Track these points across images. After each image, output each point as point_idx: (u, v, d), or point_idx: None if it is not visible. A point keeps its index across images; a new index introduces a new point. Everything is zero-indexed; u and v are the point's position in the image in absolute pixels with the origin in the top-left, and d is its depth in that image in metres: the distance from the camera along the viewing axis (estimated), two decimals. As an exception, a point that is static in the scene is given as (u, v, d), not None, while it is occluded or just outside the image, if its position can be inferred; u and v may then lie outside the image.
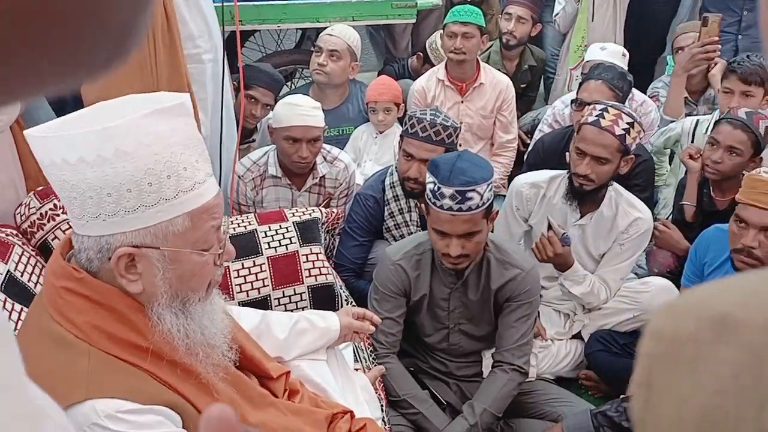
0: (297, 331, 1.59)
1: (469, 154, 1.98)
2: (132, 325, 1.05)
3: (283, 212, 2.37)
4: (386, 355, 2.10)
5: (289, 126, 2.56)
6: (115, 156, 0.97)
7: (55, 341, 1.03)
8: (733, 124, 2.47)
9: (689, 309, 0.33)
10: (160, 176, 1.00)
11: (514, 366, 2.05)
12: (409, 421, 2.06)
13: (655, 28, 4.18)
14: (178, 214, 1.03)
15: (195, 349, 1.10)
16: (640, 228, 2.40)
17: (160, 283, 1.05)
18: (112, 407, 0.99)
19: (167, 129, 1.01)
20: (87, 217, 1.01)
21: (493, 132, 3.55)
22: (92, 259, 1.04)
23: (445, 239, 1.92)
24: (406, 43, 4.47)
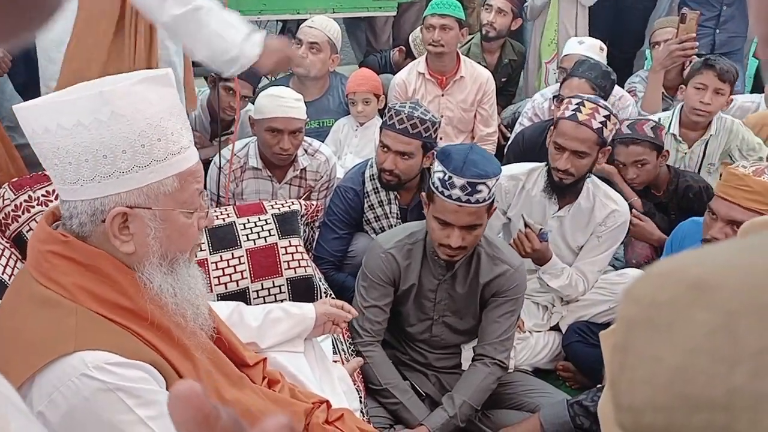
0: (271, 320, 1.59)
1: (479, 148, 2.00)
2: (118, 287, 1.08)
3: (262, 204, 2.36)
4: (370, 343, 2.11)
5: (272, 117, 2.56)
6: (112, 118, 1.02)
7: (41, 302, 1.05)
8: (625, 142, 2.67)
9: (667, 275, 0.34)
10: (151, 139, 1.06)
11: (495, 360, 2.06)
12: (389, 411, 2.07)
13: (634, 23, 4.22)
14: (168, 175, 1.09)
15: (183, 306, 1.15)
16: (617, 220, 2.43)
17: (151, 242, 1.10)
18: (101, 358, 1.01)
19: (156, 96, 1.08)
20: (82, 180, 1.04)
21: (473, 125, 3.56)
22: (84, 223, 1.07)
23: (447, 229, 1.93)
24: (387, 36, 4.47)
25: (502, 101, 4.00)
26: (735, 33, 4.03)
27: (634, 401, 0.32)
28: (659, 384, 0.31)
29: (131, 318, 1.08)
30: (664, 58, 3.11)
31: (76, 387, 0.99)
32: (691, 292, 0.32)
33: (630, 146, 2.64)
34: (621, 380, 0.33)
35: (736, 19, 3.99)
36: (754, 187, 1.91)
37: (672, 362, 0.31)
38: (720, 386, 0.29)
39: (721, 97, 2.89)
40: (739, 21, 4.01)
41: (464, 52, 3.80)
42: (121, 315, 1.07)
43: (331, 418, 1.42)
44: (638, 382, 0.32)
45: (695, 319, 0.31)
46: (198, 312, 1.18)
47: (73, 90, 1.07)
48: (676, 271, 0.34)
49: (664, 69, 3.18)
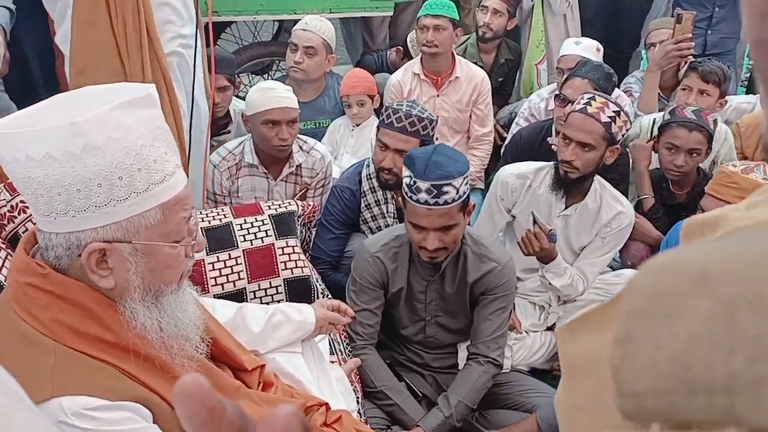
0: (272, 325, 1.58)
1: (444, 148, 1.98)
2: (100, 321, 1.03)
3: (259, 205, 2.36)
4: (364, 346, 2.11)
5: (267, 110, 2.57)
6: (85, 151, 0.94)
7: (19, 338, 1.01)
8: (688, 126, 2.54)
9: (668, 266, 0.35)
10: (130, 169, 0.98)
11: (488, 358, 2.07)
12: (385, 413, 2.07)
13: (631, 24, 4.23)
14: (149, 207, 1.02)
15: (169, 341, 1.09)
16: (622, 222, 2.44)
17: (132, 278, 1.03)
18: (80, 404, 0.97)
19: (135, 121, 0.99)
20: (55, 213, 0.98)
21: (469, 125, 3.57)
22: (61, 257, 1.02)
23: (422, 233, 1.93)
24: (384, 36, 4.47)
25: (499, 101, 4.00)
26: (727, 34, 4.04)
27: (636, 387, 0.33)
28: (660, 370, 0.32)
29: (114, 352, 1.03)
30: (660, 58, 3.12)
31: None
32: (692, 282, 0.33)
33: (693, 132, 2.53)
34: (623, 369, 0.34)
35: (728, 20, 4.00)
36: (742, 184, 1.94)
37: (672, 350, 0.32)
38: (720, 371, 0.30)
39: (708, 99, 2.88)
40: (732, 22, 4.02)
41: (461, 53, 3.80)
42: (104, 350, 1.03)
43: (330, 420, 1.42)
44: (640, 370, 0.33)
45: (695, 309, 0.32)
46: (186, 344, 1.12)
47: (41, 115, 0.99)
48: (677, 262, 0.35)
49: (661, 69, 3.18)
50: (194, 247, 1.14)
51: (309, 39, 3.22)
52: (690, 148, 2.55)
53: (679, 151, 2.58)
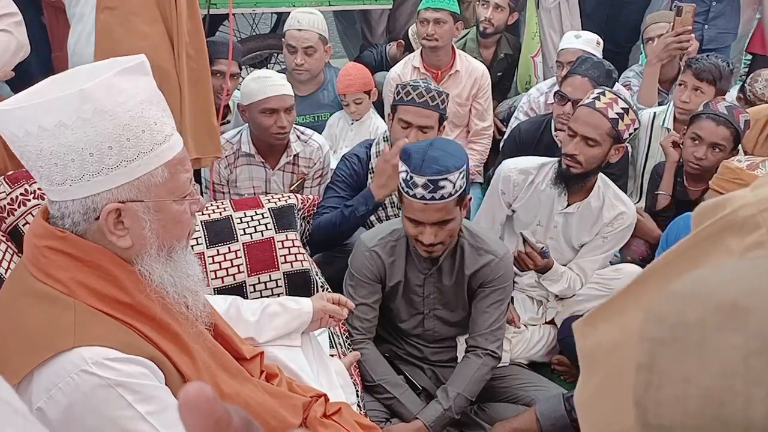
0: (268, 314, 1.59)
1: (441, 142, 1.97)
2: (116, 282, 1.08)
3: (259, 198, 2.36)
4: (362, 340, 2.11)
5: (265, 98, 2.57)
6: (95, 115, 1.00)
7: (38, 297, 1.05)
8: (717, 120, 2.50)
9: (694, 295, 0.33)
10: (136, 131, 1.04)
11: (487, 351, 2.07)
12: (384, 406, 2.08)
13: (630, 17, 4.21)
14: (156, 166, 1.08)
15: (184, 294, 1.15)
16: (624, 222, 2.44)
17: (148, 234, 1.09)
18: (100, 354, 1.01)
19: (135, 87, 1.06)
20: (70, 180, 1.02)
21: (468, 119, 3.56)
22: (78, 222, 1.06)
23: (419, 227, 1.93)
24: (383, 29, 4.45)
25: (498, 95, 3.99)
26: (724, 29, 4.03)
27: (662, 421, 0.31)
28: (690, 405, 0.31)
29: (129, 313, 1.08)
30: (660, 50, 3.11)
31: (75, 383, 0.99)
32: (722, 314, 0.32)
33: (720, 126, 2.48)
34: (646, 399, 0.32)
35: (726, 15, 3.99)
36: (747, 181, 1.93)
37: (704, 384, 0.30)
38: (759, 409, 0.29)
39: (702, 96, 2.86)
40: (729, 17, 4.01)
41: (460, 47, 3.79)
42: (120, 310, 1.07)
43: (329, 412, 1.43)
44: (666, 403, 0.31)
45: (728, 343, 0.31)
46: (197, 298, 1.18)
47: (47, 88, 1.05)
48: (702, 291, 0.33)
49: (660, 62, 3.18)
50: (196, 206, 1.20)
51: (306, 39, 3.21)
52: (713, 142, 2.50)
53: (702, 143, 2.53)
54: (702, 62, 2.89)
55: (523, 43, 4.02)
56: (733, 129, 2.48)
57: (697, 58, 2.94)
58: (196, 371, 1.13)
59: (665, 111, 3.04)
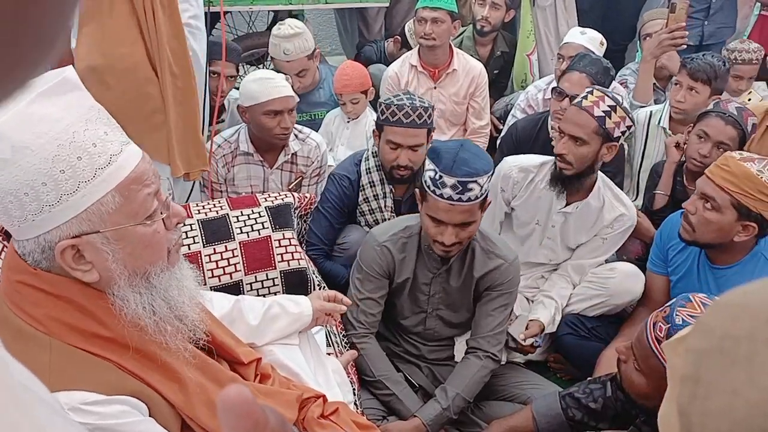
0: (269, 317, 1.59)
1: (470, 145, 1.97)
2: (92, 316, 1.03)
3: (255, 197, 2.36)
4: (364, 335, 2.11)
5: (269, 100, 2.57)
6: (15, 153, 0.92)
7: (14, 334, 1.00)
8: (725, 119, 2.49)
9: (743, 307, 0.33)
10: (69, 160, 0.95)
11: (488, 353, 2.08)
12: (382, 403, 2.08)
13: (627, 14, 4.23)
14: (104, 193, 0.98)
15: (163, 325, 1.08)
16: (624, 224, 2.44)
17: (113, 266, 1.02)
18: (77, 399, 0.97)
19: (58, 110, 0.95)
20: (16, 221, 0.97)
21: (465, 118, 3.56)
22: (39, 261, 1.01)
23: (440, 227, 1.93)
24: (380, 27, 4.46)
25: (495, 93, 4.00)
26: (723, 24, 4.05)
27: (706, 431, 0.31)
28: (737, 416, 0.30)
29: (109, 347, 1.03)
30: (655, 48, 3.12)
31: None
32: None
33: (728, 125, 2.47)
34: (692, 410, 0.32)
35: (724, 10, 4.01)
36: (732, 169, 1.95)
37: (752, 397, 0.30)
38: None
39: (697, 96, 2.87)
40: (728, 12, 4.03)
41: (456, 45, 3.79)
42: (99, 345, 1.02)
43: (327, 412, 1.43)
44: (712, 414, 0.31)
45: None
46: (181, 324, 1.11)
47: None
48: (751, 304, 0.33)
49: (655, 59, 3.19)
50: (172, 219, 1.11)
51: (296, 66, 3.24)
52: (719, 141, 2.49)
53: (708, 141, 2.53)
54: (697, 62, 2.89)
55: (519, 42, 4.02)
56: (740, 130, 2.48)
57: (692, 58, 2.94)
58: (185, 396, 1.10)
59: (662, 110, 3.05)
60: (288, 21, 3.29)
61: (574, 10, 4.07)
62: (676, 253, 2.31)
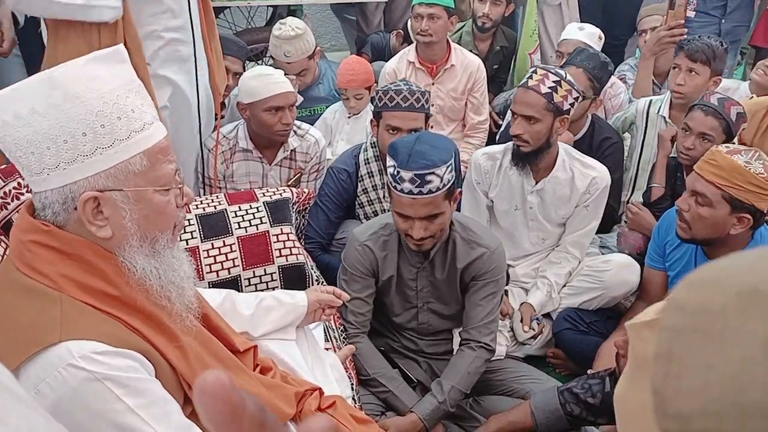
0: (263, 308, 1.59)
1: (428, 136, 1.97)
2: (102, 275, 1.07)
3: (254, 192, 2.36)
4: (356, 334, 2.12)
5: (270, 96, 2.56)
6: (66, 100, 1.00)
7: (25, 292, 1.04)
8: (705, 110, 2.50)
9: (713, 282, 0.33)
10: (110, 118, 1.03)
11: (480, 343, 2.07)
12: (380, 400, 2.08)
13: (626, 9, 4.22)
14: (134, 153, 1.06)
15: (167, 288, 1.13)
16: (599, 185, 2.49)
17: (128, 225, 1.08)
18: (87, 348, 1.00)
19: (108, 74, 1.05)
20: (47, 170, 1.03)
21: (464, 114, 3.56)
22: (58, 212, 1.06)
23: (408, 222, 1.93)
24: (378, 21, 4.45)
25: (494, 88, 3.99)
26: (739, 22, 4.04)
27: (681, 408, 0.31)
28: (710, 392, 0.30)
29: (117, 305, 1.07)
30: (654, 44, 3.11)
31: (62, 377, 0.98)
32: (741, 300, 0.31)
33: (708, 116, 2.48)
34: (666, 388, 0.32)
35: (741, 8, 3.99)
36: (720, 162, 1.95)
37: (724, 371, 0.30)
38: None
39: (697, 77, 2.85)
40: (745, 11, 4.01)
41: (455, 40, 3.78)
42: (107, 303, 1.06)
43: (324, 405, 1.43)
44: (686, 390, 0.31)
45: (748, 329, 0.30)
46: (183, 293, 1.16)
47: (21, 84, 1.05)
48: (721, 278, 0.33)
49: (654, 55, 3.18)
50: (184, 198, 1.18)
51: (297, 67, 3.25)
52: (701, 132, 2.50)
53: (691, 133, 2.54)
54: (694, 43, 2.87)
55: (521, 40, 4.01)
56: (722, 120, 2.48)
57: (689, 40, 2.92)
58: (187, 363, 1.13)
59: (662, 99, 3.03)
60: (289, 21, 3.28)
61: (576, 6, 4.07)
62: (674, 248, 2.31)
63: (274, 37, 3.24)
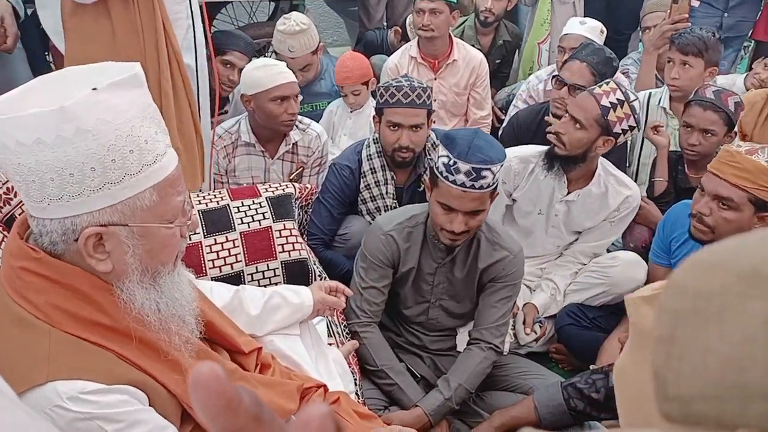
0: (270, 307, 1.58)
1: (484, 134, 1.96)
2: (95, 305, 1.02)
3: (256, 188, 2.35)
4: (367, 323, 2.11)
5: (276, 86, 2.57)
6: (76, 135, 0.93)
7: (13, 321, 1.00)
8: (703, 105, 2.51)
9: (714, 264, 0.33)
10: (122, 152, 0.97)
11: (491, 345, 2.07)
12: (384, 392, 2.08)
13: (630, 4, 4.20)
14: (144, 188, 1.00)
15: (167, 323, 1.08)
16: (630, 204, 2.48)
17: (130, 260, 1.02)
18: (75, 389, 0.97)
19: (124, 102, 0.98)
20: (48, 199, 0.96)
21: (467, 109, 3.55)
22: (56, 242, 1.00)
23: (450, 214, 1.92)
24: (381, 16, 4.44)
25: (497, 83, 3.98)
26: (743, 17, 4.01)
27: (681, 391, 0.31)
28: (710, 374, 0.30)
29: (110, 336, 1.03)
30: (657, 39, 3.10)
31: (51, 419, 0.95)
32: (742, 281, 0.31)
33: (707, 111, 2.50)
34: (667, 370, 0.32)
35: (746, 3, 3.97)
36: (744, 165, 1.92)
37: (724, 352, 0.30)
38: None
39: (690, 70, 2.85)
40: (750, 5, 3.98)
41: (458, 35, 3.77)
42: (99, 334, 1.02)
43: (328, 402, 1.42)
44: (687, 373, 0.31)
45: (747, 309, 0.30)
46: (184, 323, 1.12)
47: (28, 98, 0.96)
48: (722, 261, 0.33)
49: (657, 50, 3.17)
50: (189, 227, 1.13)
51: (301, 62, 3.24)
52: (703, 128, 2.51)
53: (693, 130, 2.54)
54: (685, 36, 2.88)
55: (532, 29, 3.99)
56: (721, 112, 2.49)
57: (681, 33, 2.92)
58: (187, 388, 1.10)
59: (661, 91, 3.03)
60: (293, 16, 3.27)
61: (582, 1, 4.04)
62: (680, 244, 2.30)
63: (279, 32, 3.23)
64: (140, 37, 2.05)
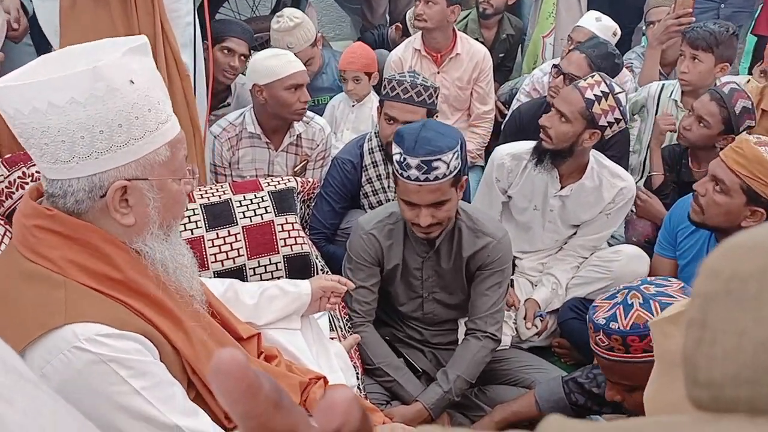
0: (266, 297, 1.59)
1: (433, 123, 1.96)
2: (107, 259, 1.08)
3: (258, 182, 2.35)
4: (361, 323, 2.12)
5: (290, 74, 2.58)
6: (108, 93, 1.01)
7: (28, 277, 1.05)
8: (712, 95, 2.50)
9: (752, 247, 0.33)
10: (143, 110, 1.06)
11: (486, 333, 2.07)
12: (385, 389, 2.08)
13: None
14: (160, 144, 1.10)
15: (181, 272, 1.17)
16: (625, 196, 2.47)
17: (151, 213, 1.11)
18: (92, 331, 1.01)
19: (140, 66, 1.08)
20: (77, 158, 1.03)
21: (470, 103, 3.54)
22: (82, 200, 1.06)
23: (414, 209, 1.92)
24: (383, 11, 4.43)
25: (500, 77, 3.96)
26: (740, 8, 3.98)
27: (713, 376, 0.30)
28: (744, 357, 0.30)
29: (121, 289, 1.08)
30: (661, 33, 3.09)
31: (68, 360, 0.99)
32: None
33: (712, 101, 2.49)
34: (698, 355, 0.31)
35: None
36: (745, 152, 1.93)
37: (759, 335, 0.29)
38: None
39: (700, 64, 2.82)
40: None
41: (461, 28, 3.75)
42: (111, 287, 1.07)
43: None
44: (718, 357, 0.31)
45: None
46: (193, 277, 1.20)
47: (46, 67, 1.04)
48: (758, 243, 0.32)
49: (661, 45, 3.16)
50: (189, 186, 1.21)
51: (302, 57, 3.20)
52: (700, 115, 2.51)
53: (692, 114, 2.55)
54: (696, 30, 2.85)
55: (537, 23, 3.97)
56: (723, 108, 2.47)
57: (692, 27, 2.90)
58: (192, 347, 1.14)
59: (674, 84, 3.01)
60: (286, 12, 3.27)
61: None
62: (686, 236, 2.30)
63: (274, 31, 3.24)
64: None
